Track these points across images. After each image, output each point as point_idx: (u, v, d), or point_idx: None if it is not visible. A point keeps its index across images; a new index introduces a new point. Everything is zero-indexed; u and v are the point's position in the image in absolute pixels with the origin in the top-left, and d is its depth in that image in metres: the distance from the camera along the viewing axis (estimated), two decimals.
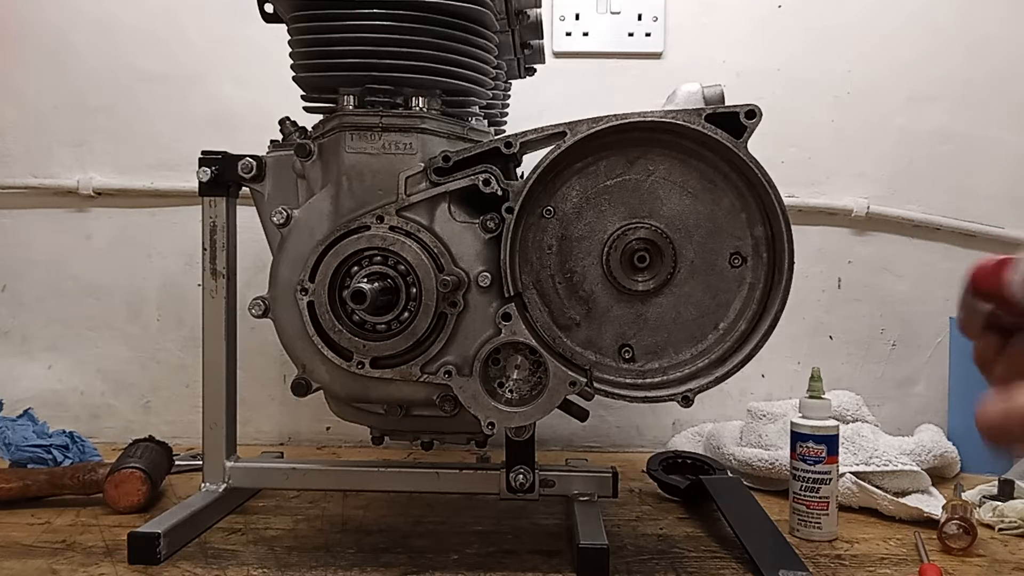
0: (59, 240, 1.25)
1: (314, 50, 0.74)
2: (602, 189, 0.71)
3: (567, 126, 0.69)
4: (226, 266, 0.84)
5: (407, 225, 0.71)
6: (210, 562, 0.74)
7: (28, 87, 1.25)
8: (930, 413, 1.21)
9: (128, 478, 0.88)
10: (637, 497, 0.96)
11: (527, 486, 0.79)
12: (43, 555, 0.76)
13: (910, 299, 1.23)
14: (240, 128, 1.21)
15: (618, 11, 1.23)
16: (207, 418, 0.84)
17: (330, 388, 0.75)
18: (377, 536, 0.82)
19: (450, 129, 0.75)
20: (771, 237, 0.70)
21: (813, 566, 0.74)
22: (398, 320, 0.71)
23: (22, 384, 1.24)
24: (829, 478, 0.81)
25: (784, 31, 1.23)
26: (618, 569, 0.73)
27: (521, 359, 0.71)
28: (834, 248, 1.24)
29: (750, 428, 1.06)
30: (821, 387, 0.83)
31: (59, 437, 1.03)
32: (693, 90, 0.72)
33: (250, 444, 1.19)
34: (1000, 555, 0.78)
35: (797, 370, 1.23)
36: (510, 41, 0.89)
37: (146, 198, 1.25)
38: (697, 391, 0.70)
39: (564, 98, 1.22)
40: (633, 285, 0.71)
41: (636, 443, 1.23)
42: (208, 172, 0.82)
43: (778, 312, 0.70)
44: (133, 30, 1.24)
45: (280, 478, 0.85)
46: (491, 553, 0.77)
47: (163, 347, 1.25)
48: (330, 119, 0.75)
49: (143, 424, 1.23)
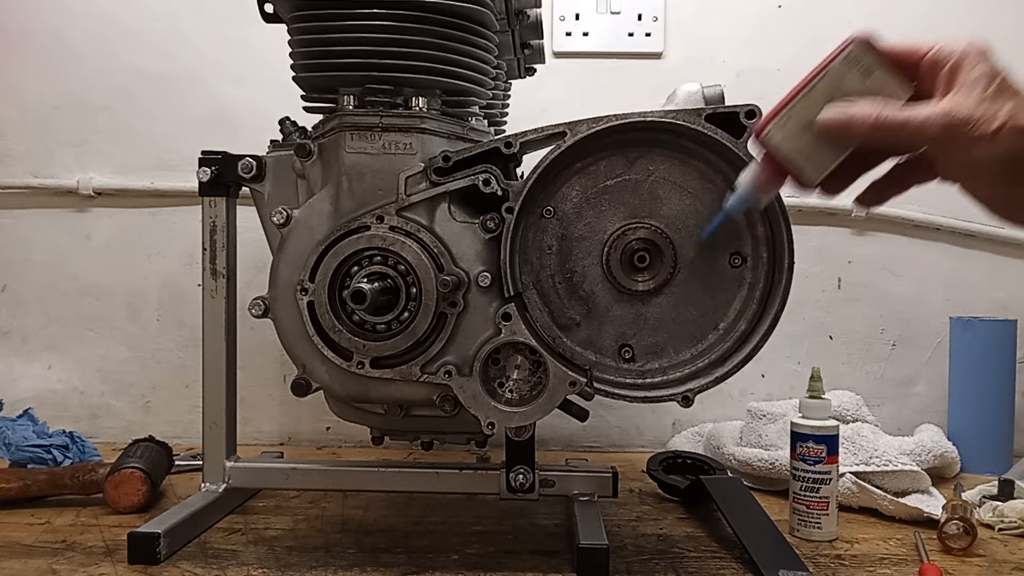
0: (59, 240, 1.25)
1: (314, 50, 0.74)
2: (602, 189, 0.71)
3: (567, 126, 0.69)
4: (226, 266, 0.84)
5: (407, 225, 0.71)
6: (210, 562, 0.74)
7: (28, 87, 1.25)
8: (930, 413, 1.21)
9: (128, 478, 0.88)
10: (637, 497, 0.96)
11: (527, 486, 0.79)
12: (43, 555, 0.76)
13: (910, 299, 1.23)
14: (240, 128, 1.21)
15: (618, 11, 1.23)
16: (207, 418, 0.84)
17: (330, 388, 0.75)
18: (377, 536, 0.82)
19: (450, 129, 0.75)
20: (771, 237, 0.70)
21: (813, 566, 0.74)
22: (398, 320, 0.71)
23: (22, 384, 1.24)
24: (829, 478, 0.81)
25: (784, 31, 1.23)
26: (618, 569, 0.73)
27: (521, 359, 0.71)
28: (834, 248, 1.24)
29: (750, 428, 1.06)
30: (821, 387, 0.83)
31: (59, 437, 1.03)
32: (693, 90, 0.72)
33: (250, 444, 1.19)
34: (1000, 555, 0.78)
35: (797, 370, 1.23)
36: (510, 41, 0.89)
37: (146, 198, 1.25)
38: (697, 391, 0.70)
39: (564, 98, 1.22)
40: (633, 285, 0.71)
41: (636, 443, 1.23)
42: (208, 172, 0.82)
43: (778, 312, 0.70)
44: (133, 30, 1.24)
45: (280, 478, 0.85)
46: (491, 553, 0.77)
47: (163, 347, 1.25)
48: (330, 119, 0.75)
49: (143, 424, 1.23)
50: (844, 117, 0.55)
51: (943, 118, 0.51)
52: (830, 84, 0.55)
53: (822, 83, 0.55)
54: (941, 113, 0.52)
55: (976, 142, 0.51)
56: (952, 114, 0.51)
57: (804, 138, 0.56)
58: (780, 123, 0.56)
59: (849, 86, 0.55)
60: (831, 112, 0.55)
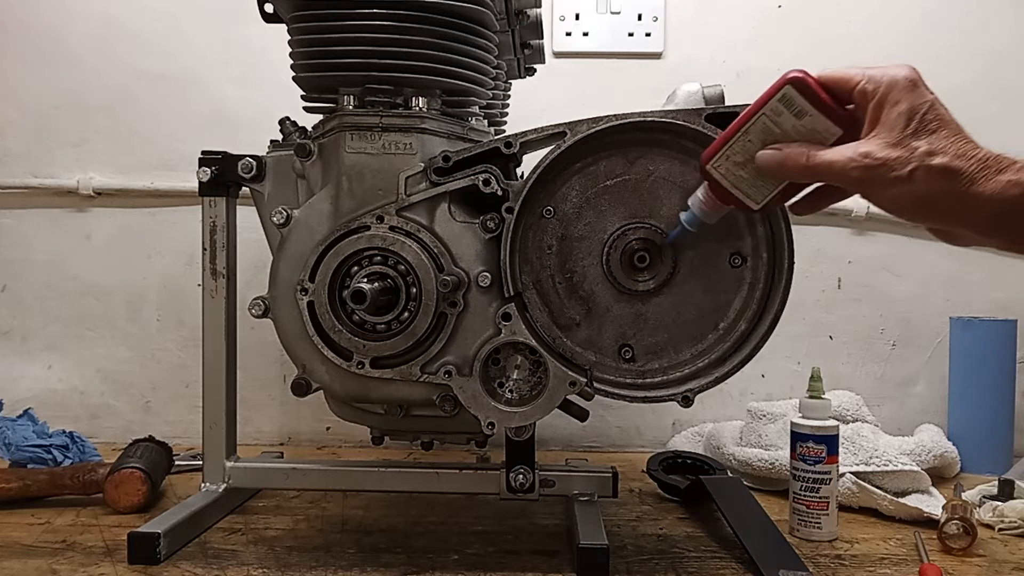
0: (59, 240, 1.25)
1: (314, 50, 0.74)
2: (602, 189, 0.71)
3: (567, 126, 0.69)
4: (226, 266, 0.84)
5: (407, 225, 0.71)
6: (210, 562, 0.74)
7: (28, 87, 1.25)
8: (930, 413, 1.21)
9: (128, 478, 0.88)
10: (637, 497, 0.96)
11: (527, 486, 0.79)
12: (43, 555, 0.76)
13: (910, 299, 1.23)
14: (240, 128, 1.21)
15: (618, 11, 1.23)
16: (207, 418, 0.84)
17: (330, 388, 0.75)
18: (377, 536, 0.82)
19: (450, 129, 0.75)
20: (771, 237, 0.70)
21: (813, 566, 0.74)
22: (398, 320, 0.71)
23: (22, 384, 1.24)
24: (829, 478, 0.81)
25: (784, 31, 1.23)
26: (618, 569, 0.73)
27: (521, 359, 0.71)
28: (834, 248, 1.24)
29: (750, 428, 1.06)
30: (821, 387, 0.83)
31: (59, 437, 1.03)
32: (693, 90, 0.72)
33: (250, 444, 1.19)
34: (1000, 555, 0.78)
35: (797, 370, 1.23)
36: (510, 41, 0.89)
37: (146, 198, 1.25)
38: (697, 391, 0.70)
39: (564, 98, 1.21)
40: (633, 285, 0.71)
41: (636, 443, 1.23)
42: (208, 172, 0.82)
43: (778, 312, 0.70)
44: (133, 30, 1.24)
45: (280, 478, 0.85)
46: (491, 553, 0.77)
47: (163, 347, 1.25)
48: (330, 119, 0.75)
49: (143, 424, 1.23)
50: (778, 159, 0.60)
51: (861, 161, 0.56)
52: (768, 122, 0.60)
53: (760, 121, 0.60)
54: (859, 156, 0.56)
55: (892, 183, 0.55)
56: (870, 157, 0.56)
57: (746, 170, 0.62)
58: (723, 156, 0.62)
59: (785, 125, 0.60)
60: (767, 153, 0.60)
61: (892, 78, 0.56)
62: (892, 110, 0.56)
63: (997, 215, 0.54)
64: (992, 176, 0.53)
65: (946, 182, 0.54)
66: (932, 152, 0.54)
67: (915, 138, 0.55)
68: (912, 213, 0.57)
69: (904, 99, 0.55)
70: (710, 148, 0.63)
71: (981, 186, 0.53)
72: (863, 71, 0.58)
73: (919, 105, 0.55)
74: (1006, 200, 0.53)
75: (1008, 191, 0.53)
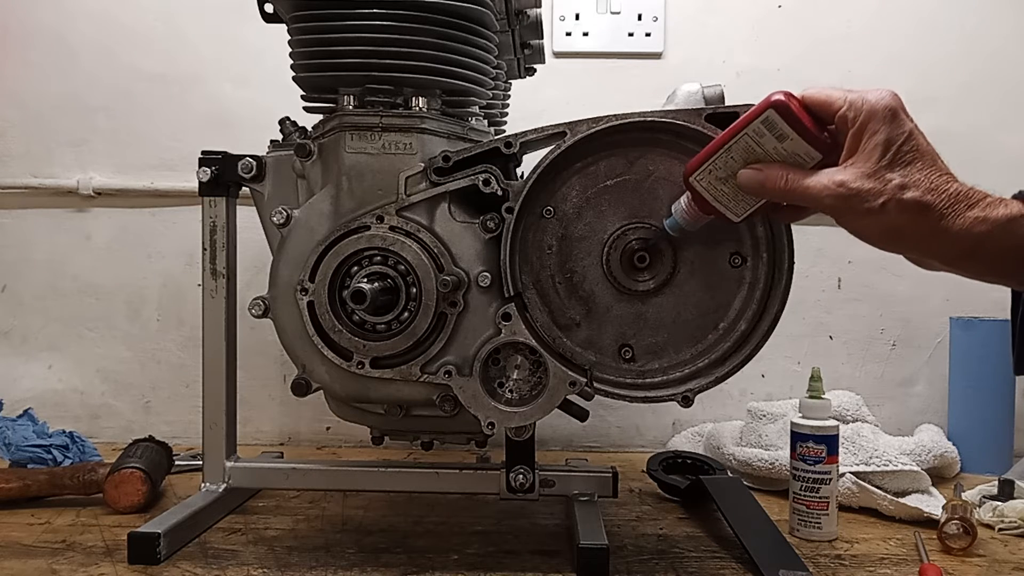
0: (59, 240, 1.25)
1: (314, 50, 0.74)
2: (602, 189, 0.71)
3: (567, 126, 0.69)
4: (226, 266, 0.84)
5: (407, 225, 0.71)
6: (210, 562, 0.74)
7: (28, 87, 1.25)
8: (930, 413, 1.21)
9: (128, 478, 0.88)
10: (637, 497, 0.96)
11: (527, 486, 0.79)
12: (43, 555, 0.76)
13: (910, 299, 1.23)
14: (240, 128, 1.21)
15: (618, 11, 1.23)
16: (207, 418, 0.84)
17: (330, 388, 0.75)
18: (377, 536, 0.82)
19: (450, 129, 0.75)
20: (771, 237, 0.70)
21: (813, 566, 0.74)
22: (398, 320, 0.71)
23: (22, 384, 1.24)
24: (829, 478, 0.81)
25: (784, 31, 1.23)
26: (618, 569, 0.73)
27: (521, 359, 0.71)
28: (834, 248, 1.23)
29: (750, 428, 1.06)
30: (821, 387, 0.83)
31: (59, 437, 1.03)
32: (693, 90, 0.72)
33: (250, 444, 1.19)
34: (1000, 555, 0.78)
35: (797, 370, 1.23)
36: (510, 41, 0.89)
37: (146, 198, 1.25)
38: (697, 391, 0.70)
39: (564, 98, 1.22)
40: (633, 285, 0.71)
41: (636, 443, 1.23)
42: (208, 172, 0.82)
43: (778, 312, 0.70)
44: (133, 30, 1.24)
45: (280, 478, 0.85)
46: (491, 553, 0.77)
47: (163, 347, 1.25)
48: (330, 119, 0.75)
49: (143, 424, 1.23)
50: (758, 179, 0.61)
51: (835, 190, 0.57)
52: (750, 142, 0.61)
53: (743, 140, 0.62)
54: (835, 185, 0.57)
55: (865, 214, 0.57)
56: (844, 187, 0.57)
57: (727, 185, 0.63)
58: (706, 170, 0.63)
59: (767, 146, 0.61)
60: (748, 173, 0.62)
61: (872, 107, 0.56)
62: (870, 140, 0.56)
63: (964, 250, 0.56)
64: (962, 212, 0.55)
65: (917, 216, 0.55)
66: (905, 186, 0.55)
67: (890, 170, 0.56)
68: (882, 243, 0.59)
69: (882, 129, 0.56)
70: (693, 161, 0.64)
71: (950, 221, 0.55)
72: (845, 95, 0.58)
73: (896, 136, 0.56)
74: (973, 236, 0.55)
75: (975, 228, 0.55)
